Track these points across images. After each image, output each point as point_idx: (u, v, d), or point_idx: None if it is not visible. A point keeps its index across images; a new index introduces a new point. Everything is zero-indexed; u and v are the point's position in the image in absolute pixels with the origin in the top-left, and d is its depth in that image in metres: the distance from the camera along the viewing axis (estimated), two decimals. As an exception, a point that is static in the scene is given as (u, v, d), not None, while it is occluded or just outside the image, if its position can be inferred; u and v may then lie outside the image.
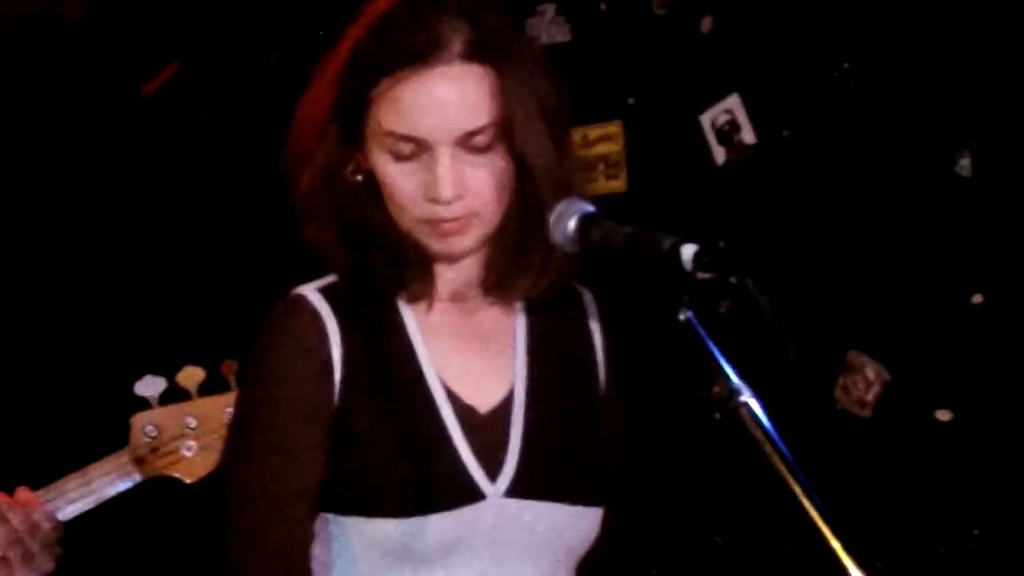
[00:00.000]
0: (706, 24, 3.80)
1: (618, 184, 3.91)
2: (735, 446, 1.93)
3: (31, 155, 4.66)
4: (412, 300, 2.25)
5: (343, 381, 2.20)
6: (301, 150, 2.25)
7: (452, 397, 2.22)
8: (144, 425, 2.72)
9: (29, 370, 4.52)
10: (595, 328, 2.35)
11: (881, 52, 3.57)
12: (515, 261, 2.24)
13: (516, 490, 2.20)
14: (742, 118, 3.76)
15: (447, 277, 2.23)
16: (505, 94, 2.13)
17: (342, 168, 2.22)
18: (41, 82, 4.63)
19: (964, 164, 3.45)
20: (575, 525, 2.25)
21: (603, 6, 3.93)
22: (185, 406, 2.72)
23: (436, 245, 2.18)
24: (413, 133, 2.11)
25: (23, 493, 2.73)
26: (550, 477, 2.24)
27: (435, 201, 2.13)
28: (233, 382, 2.70)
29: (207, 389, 2.70)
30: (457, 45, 2.12)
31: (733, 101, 3.76)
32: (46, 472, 2.74)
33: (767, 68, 3.72)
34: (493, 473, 2.20)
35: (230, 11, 4.42)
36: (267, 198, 2.88)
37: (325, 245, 2.25)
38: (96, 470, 2.72)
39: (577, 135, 3.33)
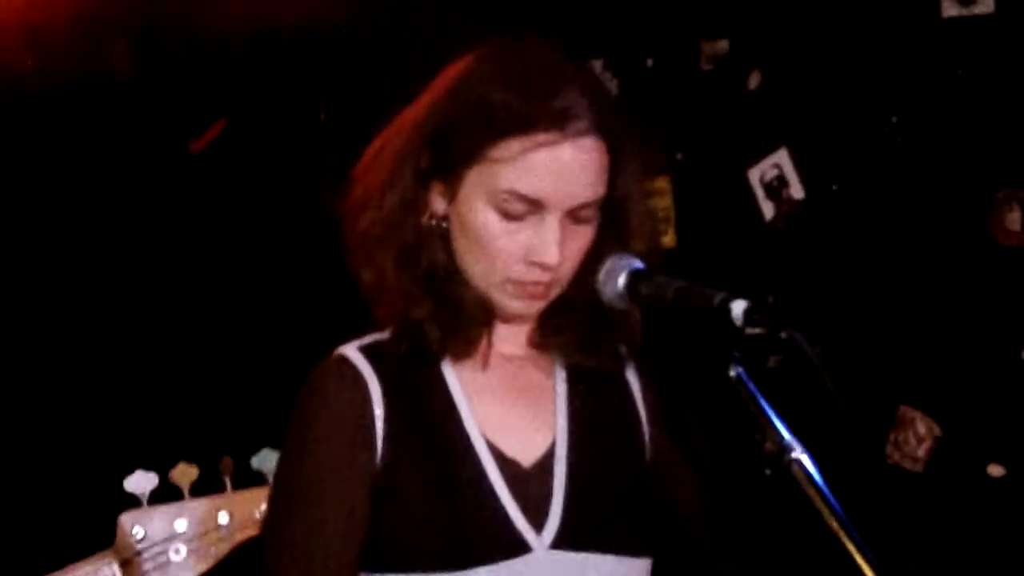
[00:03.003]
0: (754, 79, 3.84)
1: (667, 240, 3.89)
2: (786, 501, 1.90)
3: (75, 213, 4.61)
4: (460, 358, 2.24)
5: (385, 440, 2.19)
6: (366, 195, 2.22)
7: (495, 451, 2.20)
8: (132, 525, 2.68)
9: (13, 458, 4.45)
10: (633, 380, 2.33)
11: (929, 107, 3.61)
12: (567, 321, 2.25)
13: (562, 541, 2.16)
14: (790, 173, 3.80)
15: (501, 335, 2.22)
16: (616, 172, 2.15)
17: (415, 213, 2.20)
18: (89, 138, 4.61)
19: (1013, 218, 3.50)
20: (622, 575, 2.24)
21: (650, 61, 3.97)
22: (175, 507, 2.70)
23: (514, 304, 2.18)
24: (537, 196, 2.12)
25: None
26: (596, 528, 2.21)
27: (536, 264, 2.13)
28: (229, 483, 2.71)
29: (200, 489, 2.68)
30: (587, 116, 2.12)
31: (781, 156, 3.80)
32: (27, 570, 2.83)
33: (815, 122, 3.76)
34: (539, 525, 2.17)
35: (279, 67, 4.44)
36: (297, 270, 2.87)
37: (379, 291, 2.23)
38: (79, 571, 2.68)
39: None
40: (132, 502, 2.68)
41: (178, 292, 4.54)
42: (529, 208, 2.10)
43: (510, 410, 2.23)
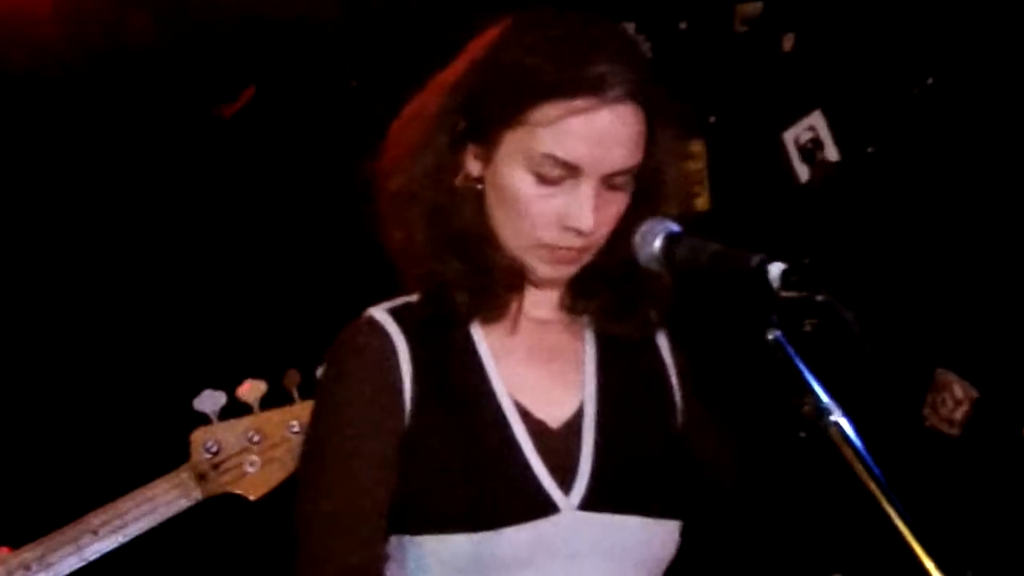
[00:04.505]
0: (788, 42, 3.84)
1: (701, 203, 3.88)
2: (821, 464, 1.90)
3: (109, 177, 4.62)
4: (489, 321, 2.26)
5: (413, 400, 2.21)
6: (399, 157, 2.24)
7: (523, 413, 2.22)
8: (205, 441, 2.74)
9: (87, 386, 4.49)
10: (664, 345, 2.34)
11: (964, 67, 3.58)
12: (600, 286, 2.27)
13: (590, 503, 2.19)
14: (825, 135, 3.80)
15: (532, 299, 2.23)
16: (652, 139, 2.16)
17: (449, 174, 2.22)
18: (119, 107, 4.60)
19: None
20: (650, 538, 2.23)
21: (683, 24, 3.95)
22: (247, 420, 2.76)
23: (544, 269, 2.19)
24: (575, 161, 2.13)
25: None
26: (624, 490, 2.22)
27: (570, 229, 2.15)
28: (296, 394, 2.75)
29: (269, 402, 2.72)
30: (626, 84, 2.13)
31: (816, 118, 3.79)
32: (104, 492, 2.81)
33: (850, 84, 3.74)
34: (566, 486, 2.19)
35: (309, 35, 4.39)
36: (337, 218, 2.90)
37: (409, 251, 2.25)
38: (157, 489, 2.75)
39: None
40: (203, 421, 2.76)
41: (232, 233, 4.51)
42: (565, 173, 2.10)
43: (539, 372, 2.25)
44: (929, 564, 1.74)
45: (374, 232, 2.24)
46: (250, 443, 2.76)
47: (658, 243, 2.08)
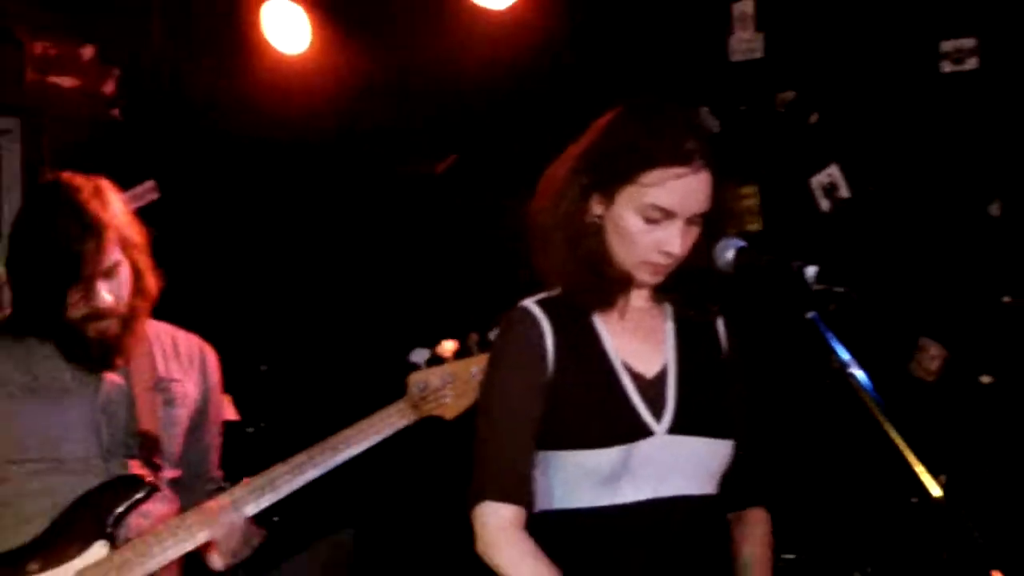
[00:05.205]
0: (813, 117, 4.25)
1: (756, 226, 4.28)
2: (838, 403, 2.28)
3: (359, 208, 5.01)
4: (604, 308, 2.42)
5: (554, 363, 2.38)
6: (544, 201, 2.42)
7: (627, 368, 2.39)
8: (417, 382, 2.98)
9: (339, 347, 4.99)
10: (720, 327, 2.52)
11: (927, 139, 3.98)
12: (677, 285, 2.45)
13: (675, 428, 2.38)
14: (839, 180, 4.17)
15: (633, 295, 2.45)
16: (713, 192, 2.36)
17: (579, 215, 2.38)
18: (362, 164, 4.97)
19: (994, 208, 3.88)
20: (714, 452, 2.42)
21: (742, 107, 4.38)
22: (445, 367, 2.98)
23: (645, 278, 2.38)
24: (671, 208, 2.30)
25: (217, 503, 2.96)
26: (697, 419, 2.40)
27: (664, 253, 2.33)
28: (475, 349, 2.94)
29: (459, 355, 2.93)
30: (704, 157, 2.31)
31: (833, 169, 4.19)
32: (344, 420, 3.02)
33: (857, 146, 4.13)
34: (658, 417, 2.37)
35: (493, 119, 4.75)
36: (501, 239, 2.97)
37: (551, 265, 2.43)
38: (385, 412, 3.02)
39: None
40: (414, 368, 3.00)
41: (439, 249, 4.92)
42: (663, 216, 2.30)
43: (638, 342, 2.43)
44: (918, 467, 2.00)
45: (525, 250, 2.47)
46: (447, 383, 2.97)
47: (731, 253, 2.31)
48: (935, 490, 1.99)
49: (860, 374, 2.06)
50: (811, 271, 2.15)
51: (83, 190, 3.02)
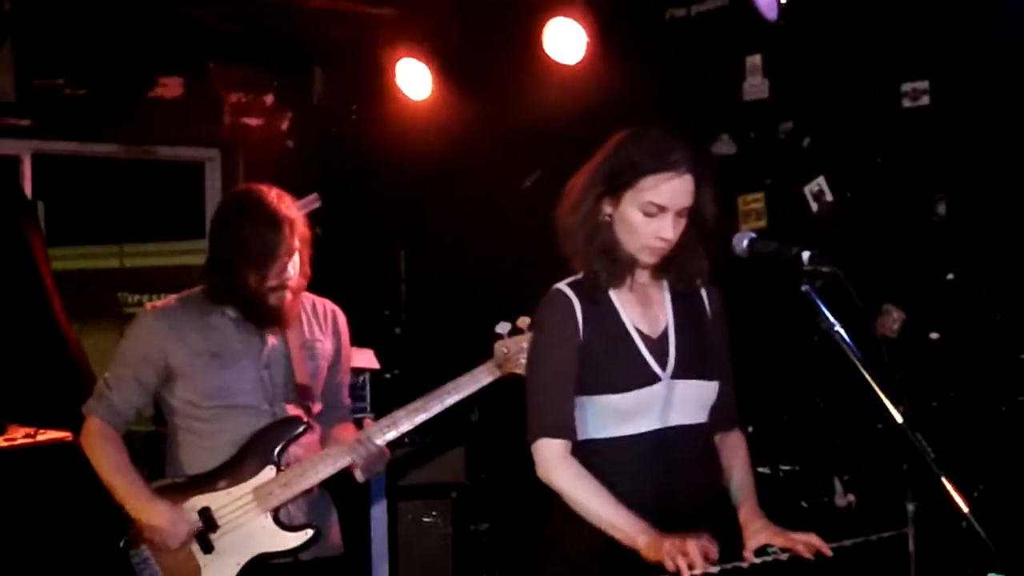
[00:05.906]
0: (806, 142, 4.76)
1: (762, 224, 4.81)
2: (825, 353, 2.55)
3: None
4: (617, 286, 2.78)
5: (583, 331, 2.74)
6: (568, 206, 2.77)
7: (638, 330, 2.77)
8: (501, 348, 3.46)
9: (452, 318, 5.80)
10: (705, 296, 2.89)
11: (898, 146, 4.32)
12: (673, 264, 2.76)
13: (676, 374, 2.77)
14: (826, 188, 4.65)
15: (638, 274, 2.81)
16: (697, 193, 2.69)
17: (595, 214, 2.73)
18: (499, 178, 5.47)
19: (941, 208, 4.24)
20: (706, 391, 2.82)
21: (752, 134, 4.91)
22: (521, 337, 3.40)
23: (647, 258, 2.77)
24: (664, 204, 2.67)
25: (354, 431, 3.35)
26: (693, 365, 2.77)
27: (660, 239, 2.71)
28: (526, 328, 3.35)
29: (531, 328, 3.16)
30: (688, 163, 2.68)
31: (821, 180, 4.68)
32: (451, 372, 3.47)
33: (839, 162, 4.61)
34: (663, 366, 2.76)
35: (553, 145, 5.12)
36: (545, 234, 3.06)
37: (573, 256, 2.79)
38: (476, 370, 3.47)
39: (740, 200, 4.79)
40: (498, 338, 3.43)
41: (504, 244, 5.56)
42: (658, 211, 2.68)
43: (644, 310, 2.81)
44: (885, 400, 2.29)
45: (555, 244, 2.78)
46: (522, 348, 3.35)
47: (746, 243, 2.66)
48: (898, 417, 2.26)
49: (843, 332, 2.39)
50: (806, 255, 2.52)
51: (270, 194, 3.56)
